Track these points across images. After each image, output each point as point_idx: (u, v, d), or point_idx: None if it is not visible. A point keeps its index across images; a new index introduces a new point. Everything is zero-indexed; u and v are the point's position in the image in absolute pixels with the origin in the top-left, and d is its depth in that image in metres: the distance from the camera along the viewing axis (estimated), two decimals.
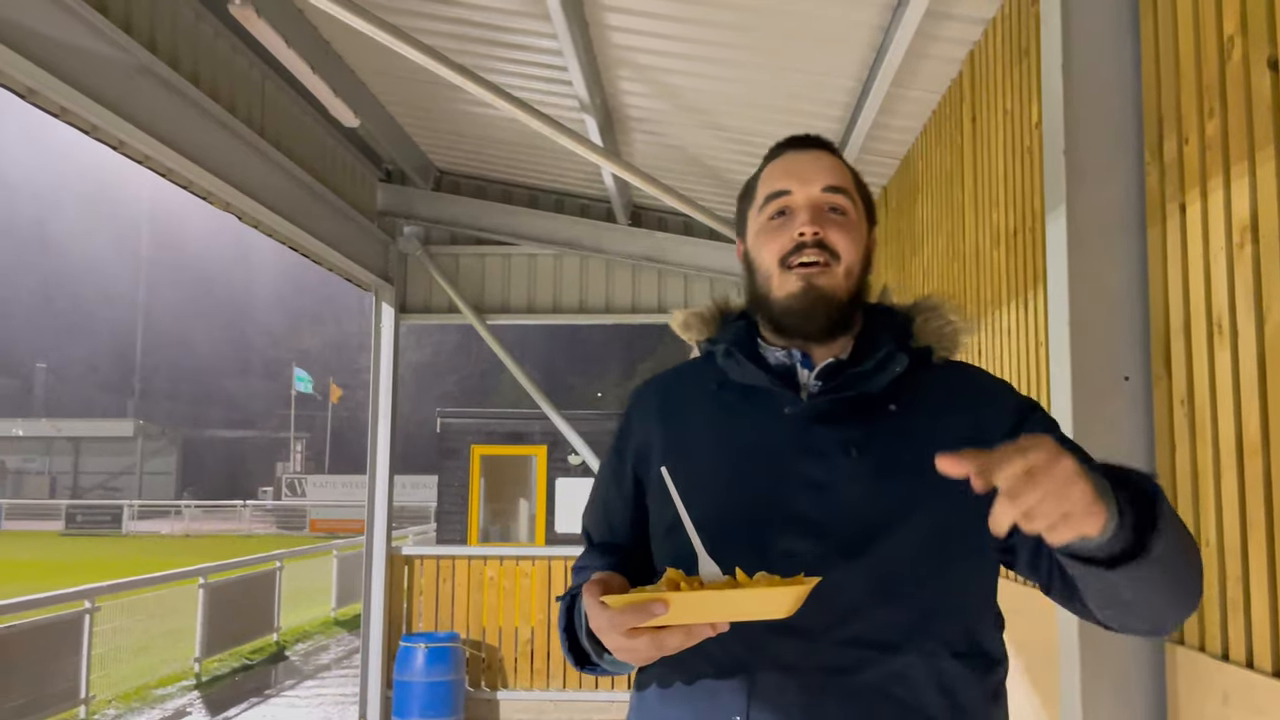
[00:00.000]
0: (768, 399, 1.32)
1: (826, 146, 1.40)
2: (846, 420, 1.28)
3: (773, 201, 1.34)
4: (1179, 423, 1.98)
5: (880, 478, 1.24)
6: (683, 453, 1.34)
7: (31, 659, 6.55)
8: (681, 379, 1.46)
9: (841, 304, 1.31)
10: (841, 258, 1.30)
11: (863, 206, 1.38)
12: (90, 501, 39.81)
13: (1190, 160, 1.95)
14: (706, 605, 1.05)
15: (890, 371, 1.30)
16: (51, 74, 3.05)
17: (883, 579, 1.20)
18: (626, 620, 1.06)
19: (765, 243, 1.34)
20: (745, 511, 1.26)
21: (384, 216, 6.56)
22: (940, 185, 4.08)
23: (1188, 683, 1.93)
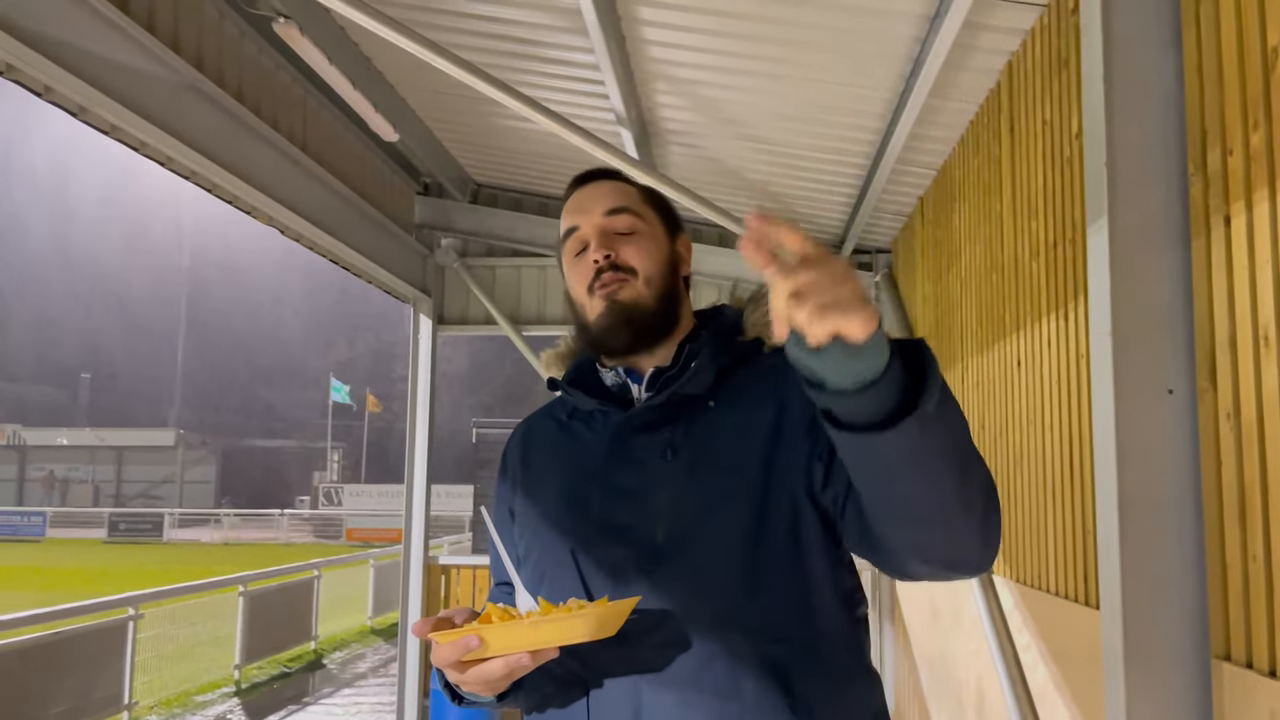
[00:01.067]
0: (604, 420, 1.39)
1: (609, 175, 1.48)
2: (666, 424, 1.33)
3: (569, 238, 1.43)
4: (1225, 437, 1.96)
5: (690, 476, 1.29)
6: (535, 486, 1.43)
7: (76, 665, 6.66)
8: (544, 416, 1.53)
9: (648, 312, 1.37)
10: (639, 270, 1.37)
11: (656, 215, 1.45)
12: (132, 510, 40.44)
13: (1235, 172, 1.93)
14: (514, 636, 1.11)
15: (710, 373, 1.34)
16: (102, 92, 3.12)
17: (697, 580, 1.24)
18: (448, 654, 1.12)
19: (573, 278, 1.42)
20: (576, 530, 1.32)
21: (422, 229, 6.63)
22: (978, 196, 4.06)
23: (1234, 700, 1.90)
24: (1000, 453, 3.78)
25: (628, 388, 1.41)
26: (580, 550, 1.31)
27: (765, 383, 1.34)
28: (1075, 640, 2.91)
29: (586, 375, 1.45)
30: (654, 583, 1.24)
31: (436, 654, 1.15)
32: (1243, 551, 1.89)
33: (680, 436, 1.32)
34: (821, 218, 5.90)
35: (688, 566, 1.24)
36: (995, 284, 3.81)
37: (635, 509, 1.29)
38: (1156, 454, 2.07)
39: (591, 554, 1.29)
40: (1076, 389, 2.90)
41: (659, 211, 1.47)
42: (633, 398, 1.40)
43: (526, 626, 1.11)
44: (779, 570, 1.25)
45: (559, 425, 1.47)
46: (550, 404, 1.56)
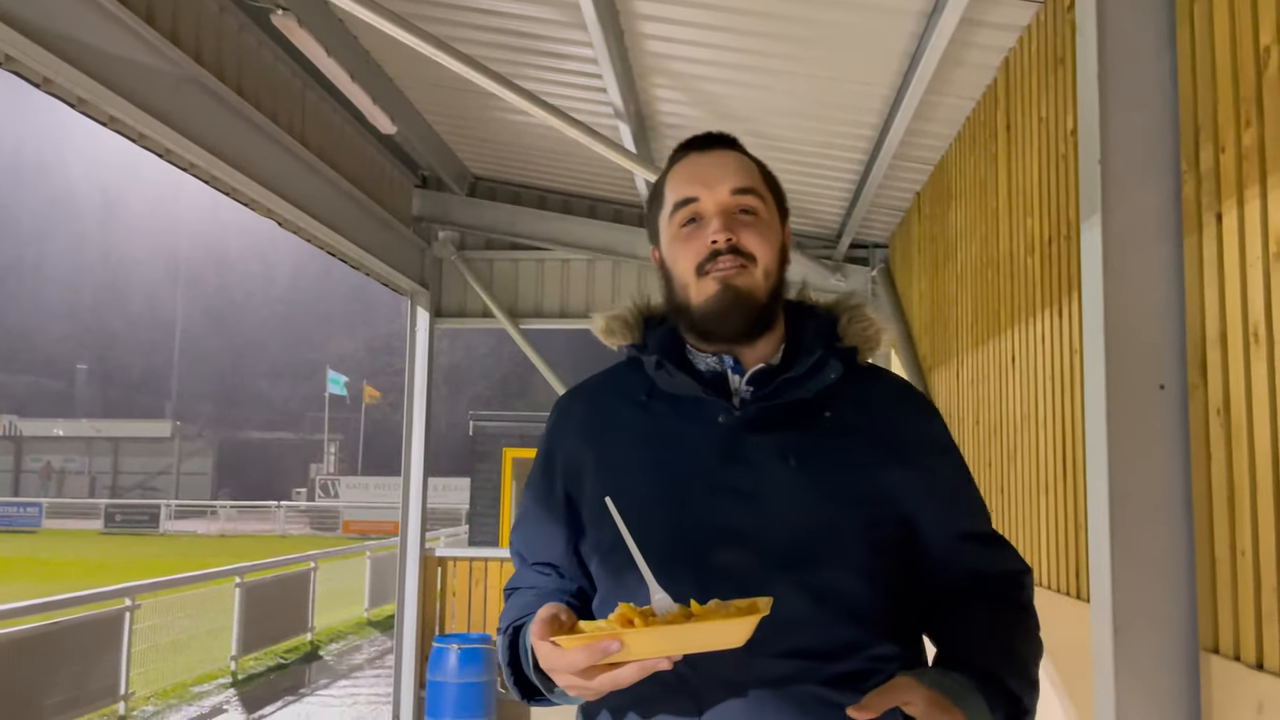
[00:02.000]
0: (698, 408, 1.29)
1: (731, 144, 1.38)
2: (780, 427, 1.27)
3: (681, 209, 1.32)
4: (1215, 432, 1.98)
5: (813, 486, 1.24)
6: (615, 471, 1.31)
7: (73, 656, 6.68)
8: (607, 389, 1.41)
9: (761, 304, 1.30)
10: (758, 259, 1.29)
11: (774, 201, 1.36)
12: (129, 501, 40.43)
13: (1227, 170, 1.95)
14: (661, 640, 1.03)
15: (824, 378, 1.30)
16: (102, 84, 3.13)
17: (817, 589, 1.19)
18: (580, 660, 1.05)
19: (679, 252, 1.32)
20: (680, 529, 1.23)
21: (420, 222, 6.64)
22: (974, 192, 4.08)
23: (1222, 691, 1.92)
24: (994, 448, 3.80)
25: (724, 377, 1.33)
26: (688, 552, 1.22)
27: (872, 400, 1.33)
28: (1066, 633, 2.94)
29: (674, 354, 1.34)
30: (778, 590, 1.16)
31: (558, 659, 1.07)
32: (1231, 546, 1.91)
33: (795, 442, 1.26)
34: (819, 212, 5.92)
35: (809, 579, 1.20)
36: (990, 280, 3.83)
37: (750, 513, 1.22)
38: (1147, 449, 2.09)
39: (704, 557, 1.22)
40: (1070, 385, 2.92)
41: (775, 195, 1.38)
42: (731, 388, 1.32)
43: (678, 631, 1.03)
44: (893, 587, 1.25)
45: (634, 405, 1.34)
46: (607, 377, 1.44)
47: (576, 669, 1.06)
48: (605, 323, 1.43)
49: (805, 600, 1.18)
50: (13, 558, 23.03)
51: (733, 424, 1.27)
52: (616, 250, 6.67)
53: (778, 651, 1.17)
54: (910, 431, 1.32)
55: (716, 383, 1.32)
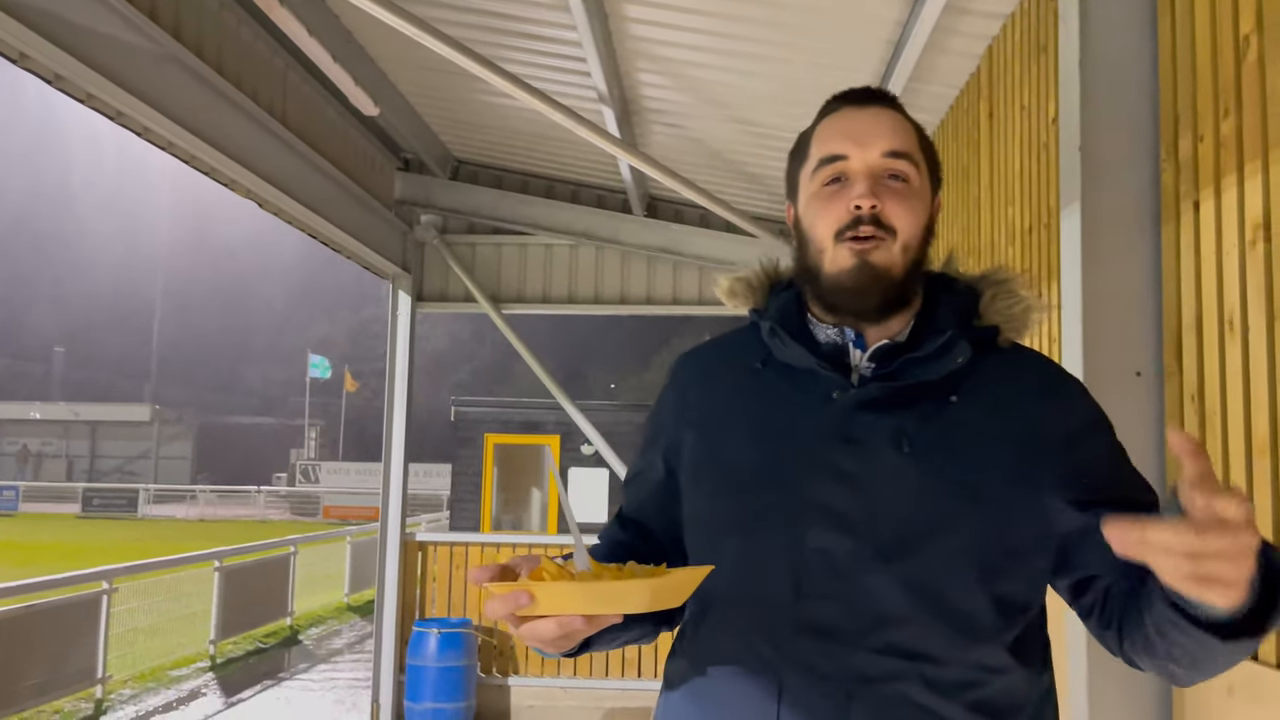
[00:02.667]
0: (813, 381, 1.21)
1: (890, 102, 1.26)
2: (899, 409, 1.18)
3: (827, 166, 1.22)
4: (1189, 418, 2.00)
5: (930, 476, 1.14)
6: (716, 440, 1.26)
7: (50, 638, 6.64)
8: (723, 353, 1.35)
9: (897, 281, 1.20)
10: (899, 233, 1.19)
11: (927, 170, 1.25)
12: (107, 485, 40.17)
13: (1205, 158, 1.96)
14: (567, 596, 1.03)
15: (951, 360, 1.19)
16: (79, 60, 3.09)
17: (921, 586, 1.12)
18: (498, 609, 1.03)
19: (818, 212, 1.22)
20: (778, 504, 1.17)
21: (402, 205, 6.60)
22: (957, 180, 4.09)
23: None
24: None
25: (844, 350, 1.23)
26: (784, 531, 1.16)
27: (1012, 386, 1.21)
28: None
29: (792, 322, 1.26)
30: (875, 583, 1.11)
31: (489, 605, 1.06)
32: None
33: (914, 426, 1.16)
34: None
35: (916, 574, 1.11)
36: (972, 268, 3.84)
37: (856, 497, 1.14)
38: (1124, 434, 2.11)
39: (801, 538, 1.15)
40: None
41: (929, 163, 1.26)
42: (850, 363, 1.23)
43: (577, 589, 1.02)
44: (1009, 599, 1.15)
45: (749, 372, 1.27)
46: (727, 337, 1.37)
47: (498, 615, 1.04)
48: (729, 284, 1.37)
49: (905, 595, 1.11)
50: None
51: (846, 402, 1.18)
52: (599, 235, 6.66)
53: (872, 646, 1.11)
54: (1057, 423, 1.19)
55: (835, 356, 1.23)
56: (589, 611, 1.03)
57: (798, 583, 1.13)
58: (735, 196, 6.01)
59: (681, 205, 6.62)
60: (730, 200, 5.79)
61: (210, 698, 7.81)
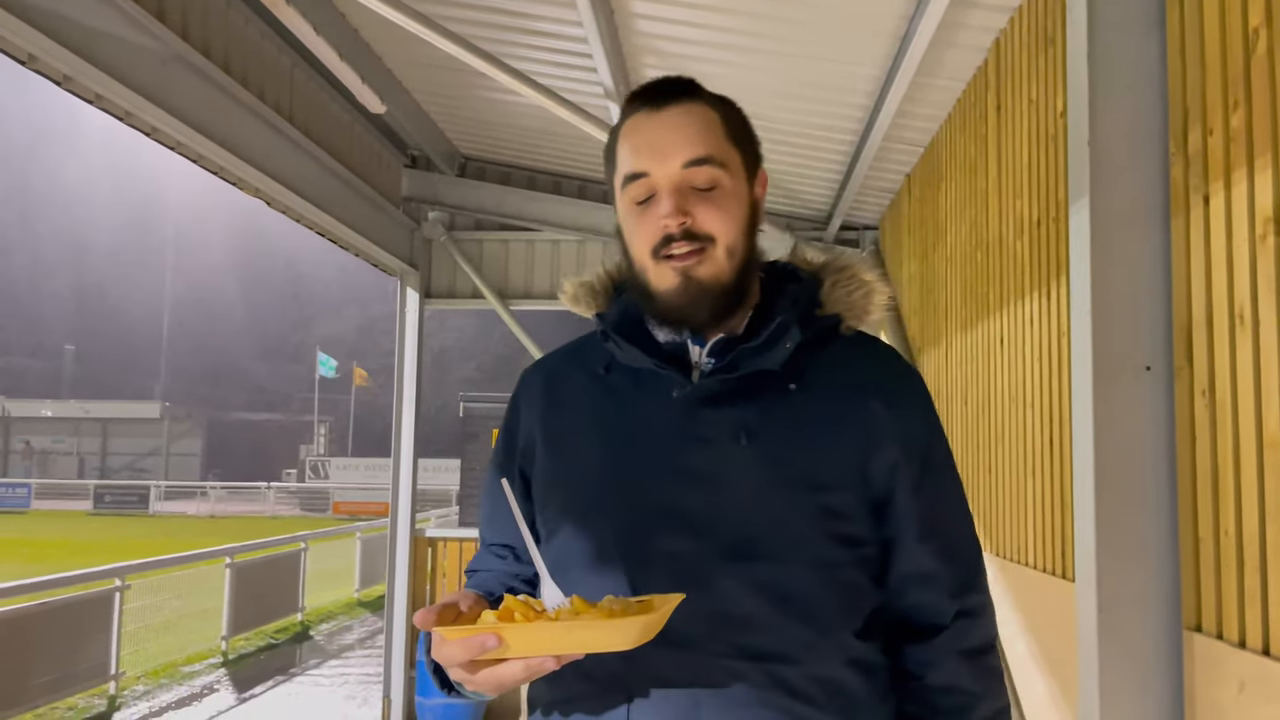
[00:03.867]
0: (655, 381, 1.19)
1: (689, 93, 1.22)
2: (738, 402, 1.16)
3: (632, 184, 1.18)
4: (1199, 414, 1.99)
5: (770, 467, 1.13)
6: (564, 449, 1.23)
7: (63, 635, 6.68)
8: (569, 361, 1.32)
9: (727, 287, 1.18)
10: (717, 239, 1.16)
11: (740, 159, 1.22)
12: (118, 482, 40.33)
13: (1215, 152, 1.95)
14: (542, 638, 0.96)
15: (782, 347, 1.17)
16: (87, 61, 3.10)
17: (768, 583, 1.09)
18: (458, 654, 0.97)
19: (633, 230, 1.19)
20: (625, 510, 1.14)
21: (409, 202, 6.61)
22: (964, 174, 4.08)
23: (1204, 669, 1.94)
24: (982, 429, 3.82)
25: (685, 348, 1.22)
26: (632, 536, 1.13)
27: (851, 374, 1.20)
28: (1053, 613, 2.97)
29: (634, 324, 1.24)
30: (721, 584, 1.09)
31: (441, 650, 0.99)
32: (1215, 526, 1.93)
33: (754, 418, 1.15)
34: (809, 194, 5.91)
35: (761, 571, 1.10)
36: (979, 262, 3.84)
37: (703, 496, 1.12)
38: (1133, 430, 2.11)
39: (649, 542, 1.12)
40: (1057, 366, 2.93)
41: (741, 147, 1.23)
42: (691, 361, 1.21)
43: (559, 630, 0.95)
44: (853, 590, 1.14)
45: (593, 378, 1.25)
46: (575, 346, 1.35)
47: (455, 661, 0.98)
48: (573, 290, 1.35)
49: (753, 596, 1.09)
50: (1, 538, 22.97)
51: (686, 399, 1.17)
52: (606, 231, 6.65)
53: (721, 651, 1.08)
54: (893, 416, 1.19)
55: (677, 354, 1.21)
56: (569, 651, 0.97)
57: (645, 587, 1.10)
58: None
59: None
60: None
61: (223, 693, 7.85)
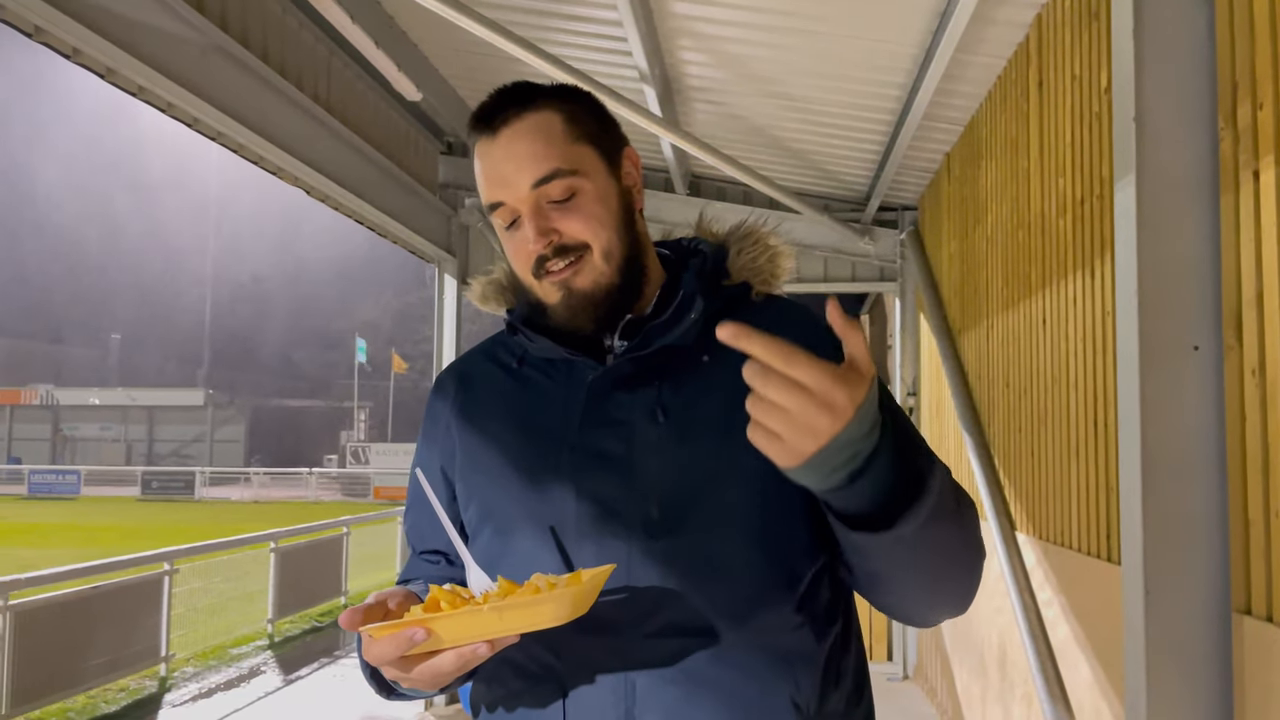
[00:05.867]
0: (569, 369, 1.19)
1: (519, 107, 1.16)
2: (652, 381, 1.15)
3: (494, 213, 1.18)
4: (1250, 394, 1.95)
5: (686, 443, 1.12)
6: (484, 447, 1.21)
7: (115, 619, 6.83)
8: (484, 359, 1.30)
9: (612, 287, 1.16)
10: (591, 245, 1.15)
11: (592, 152, 1.17)
12: (164, 468, 41.12)
13: (1265, 126, 1.91)
14: (471, 625, 0.94)
15: (688, 320, 1.16)
16: (129, 54, 3.15)
17: (695, 560, 1.08)
18: (389, 651, 0.96)
19: (511, 254, 1.19)
20: (545, 501, 1.13)
21: (446, 189, 6.64)
22: (1005, 152, 4.02)
23: (1254, 654, 1.91)
24: (1024, 410, 3.78)
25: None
26: (556, 525, 1.12)
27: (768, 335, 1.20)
28: (1097, 596, 2.93)
29: (543, 316, 1.21)
30: (647, 564, 1.08)
31: (370, 649, 0.98)
32: (1265, 507, 1.89)
33: (669, 395, 1.14)
34: (847, 175, 5.86)
35: (688, 546, 1.08)
36: (1022, 241, 3.78)
37: (620, 479, 1.11)
38: (1181, 411, 2.07)
39: (569, 530, 1.11)
40: (1102, 346, 2.89)
41: (594, 142, 1.18)
42: (605, 346, 1.20)
43: (488, 614, 0.94)
44: (788, 554, 1.11)
45: (507, 372, 1.25)
46: (489, 343, 1.33)
47: (387, 660, 0.97)
48: (480, 288, 1.32)
49: (680, 572, 1.07)
50: (54, 524, 23.52)
51: (600, 382, 1.16)
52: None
53: (652, 631, 1.07)
54: None
55: (590, 340, 1.20)
56: (502, 634, 0.96)
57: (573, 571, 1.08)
58: (777, 172, 5.96)
59: (724, 183, 6.58)
60: (772, 176, 5.75)
61: (270, 675, 7.99)
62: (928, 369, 6.11)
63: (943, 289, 5.55)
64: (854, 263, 6.54)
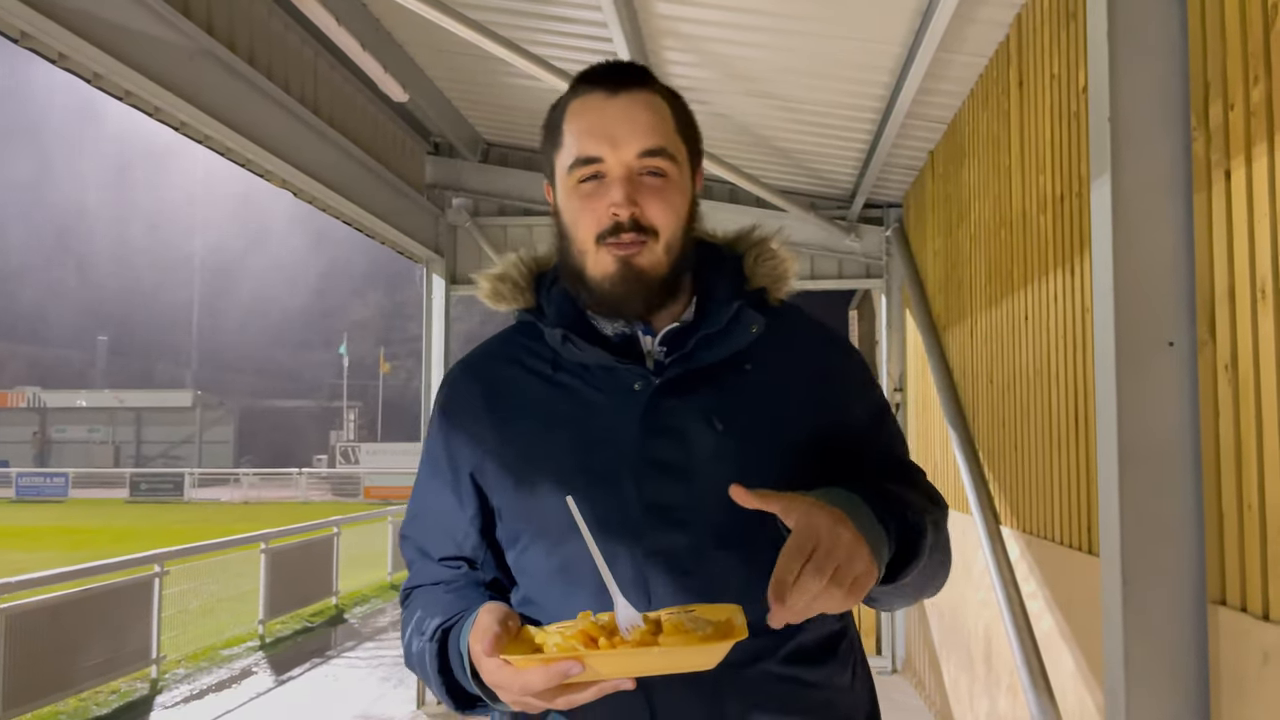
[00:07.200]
0: (612, 377, 1.19)
1: (643, 82, 1.21)
2: (701, 388, 1.18)
3: (582, 167, 1.18)
4: (1223, 389, 2.00)
5: (742, 450, 1.16)
6: (528, 455, 1.20)
7: (106, 621, 6.83)
8: (502, 360, 1.28)
9: (663, 279, 1.19)
10: (660, 232, 1.17)
11: (686, 153, 1.23)
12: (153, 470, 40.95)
13: (1235, 126, 1.95)
14: (627, 662, 0.95)
15: (745, 332, 1.21)
16: (117, 59, 3.15)
17: (764, 562, 1.07)
18: (537, 682, 0.96)
19: (578, 212, 1.19)
20: (610, 512, 1.13)
21: (433, 189, 6.65)
22: (987, 150, 4.06)
23: (1229, 642, 1.96)
24: (1007, 405, 3.82)
25: (635, 340, 1.22)
26: (622, 536, 1.12)
27: (794, 342, 1.26)
28: (1079, 588, 2.98)
29: (576, 320, 1.22)
30: (721, 568, 1.11)
31: (507, 677, 0.98)
32: (1238, 500, 1.94)
33: (720, 403, 1.17)
34: (832, 173, 5.90)
35: (750, 551, 1.11)
36: (1004, 239, 3.83)
37: (682, 486, 1.13)
38: (1157, 405, 2.11)
39: (640, 540, 1.12)
40: (1081, 342, 2.93)
41: (688, 142, 1.23)
42: (643, 352, 1.22)
43: (649, 654, 0.94)
44: None
45: (539, 377, 1.23)
46: (498, 344, 1.31)
47: (532, 690, 0.97)
48: (491, 285, 1.30)
49: (750, 574, 1.09)
50: (42, 527, 23.42)
51: (651, 391, 1.17)
52: None
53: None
54: (835, 374, 1.27)
55: (627, 346, 1.21)
56: (649, 674, 0.98)
57: (647, 587, 1.11)
58: (763, 171, 5.99)
59: (710, 181, 6.60)
60: (758, 175, 5.78)
61: (261, 676, 7.99)
62: (914, 364, 6.16)
63: (928, 285, 5.60)
64: (840, 260, 6.58)
